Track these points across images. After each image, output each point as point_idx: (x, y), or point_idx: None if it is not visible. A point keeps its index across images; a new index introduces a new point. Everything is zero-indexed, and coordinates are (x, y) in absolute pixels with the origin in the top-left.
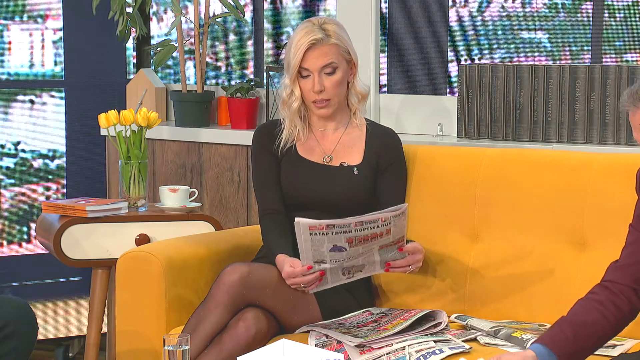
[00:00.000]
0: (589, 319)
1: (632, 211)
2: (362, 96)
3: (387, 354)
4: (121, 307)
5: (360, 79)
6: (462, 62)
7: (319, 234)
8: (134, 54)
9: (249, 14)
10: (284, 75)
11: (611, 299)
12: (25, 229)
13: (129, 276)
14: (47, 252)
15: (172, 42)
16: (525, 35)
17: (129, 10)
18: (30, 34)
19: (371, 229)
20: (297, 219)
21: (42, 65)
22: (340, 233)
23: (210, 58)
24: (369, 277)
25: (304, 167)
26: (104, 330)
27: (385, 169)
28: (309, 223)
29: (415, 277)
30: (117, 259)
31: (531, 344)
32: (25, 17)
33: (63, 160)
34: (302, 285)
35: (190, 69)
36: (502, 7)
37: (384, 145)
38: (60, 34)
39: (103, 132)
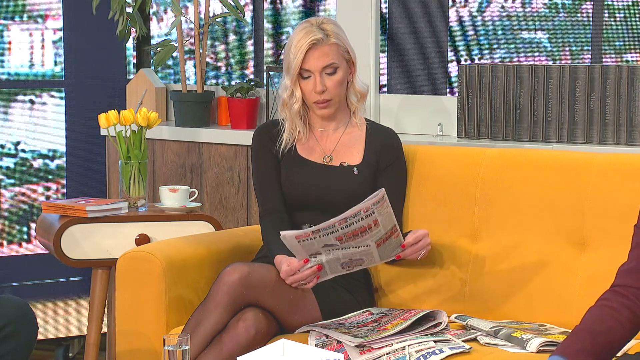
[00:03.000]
0: (604, 327)
1: (633, 211)
2: (362, 95)
3: (387, 354)
4: (121, 307)
5: (359, 78)
6: (462, 62)
7: (307, 239)
8: (134, 54)
9: (249, 14)
10: (283, 76)
11: (625, 304)
12: (25, 229)
13: (129, 276)
14: (47, 252)
15: (172, 42)
16: (525, 35)
17: (129, 10)
18: (30, 34)
19: (357, 222)
20: (282, 233)
21: (42, 65)
22: (328, 234)
23: (210, 58)
24: (369, 276)
25: (304, 167)
26: (104, 330)
27: (385, 168)
28: (295, 234)
29: (416, 277)
30: (117, 259)
31: (550, 356)
32: (25, 17)
33: (63, 160)
34: (301, 282)
35: (190, 69)
36: (502, 7)
37: (384, 145)
38: (60, 34)
39: (103, 132)
